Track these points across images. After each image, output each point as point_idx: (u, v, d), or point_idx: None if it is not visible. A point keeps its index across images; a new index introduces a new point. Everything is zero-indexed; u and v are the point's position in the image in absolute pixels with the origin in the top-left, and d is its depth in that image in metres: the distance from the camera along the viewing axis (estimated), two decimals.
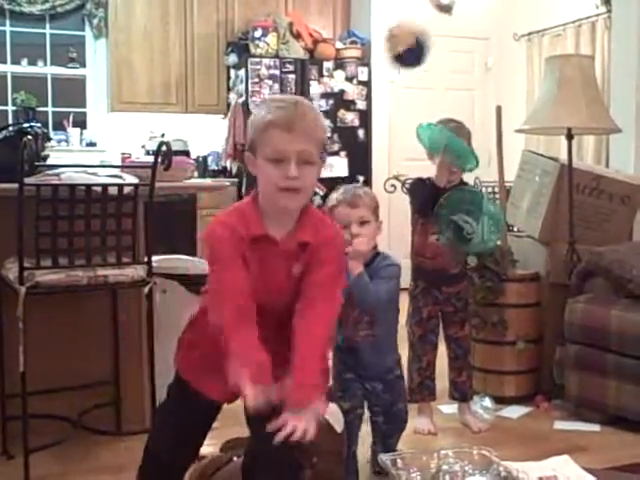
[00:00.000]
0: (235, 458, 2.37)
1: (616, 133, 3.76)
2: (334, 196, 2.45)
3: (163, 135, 5.92)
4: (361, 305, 2.44)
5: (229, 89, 6.33)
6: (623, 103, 4.06)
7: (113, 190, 2.66)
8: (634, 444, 2.92)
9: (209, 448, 2.83)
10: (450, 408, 3.31)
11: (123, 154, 5.90)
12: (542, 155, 4.15)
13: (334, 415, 2.26)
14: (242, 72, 5.98)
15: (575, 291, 3.31)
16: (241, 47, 6.12)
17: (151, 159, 2.77)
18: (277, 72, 5.96)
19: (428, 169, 3.12)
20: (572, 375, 3.21)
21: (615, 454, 2.78)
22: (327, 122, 6.09)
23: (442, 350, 3.17)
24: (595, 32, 5.99)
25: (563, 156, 3.77)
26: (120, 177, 2.82)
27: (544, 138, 6.23)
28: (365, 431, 2.56)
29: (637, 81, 3.99)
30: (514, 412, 3.33)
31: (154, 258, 2.85)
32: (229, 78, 6.33)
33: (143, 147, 6.11)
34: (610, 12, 5.15)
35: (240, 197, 6.01)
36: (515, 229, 4.37)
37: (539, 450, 2.66)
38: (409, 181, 3.48)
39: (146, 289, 2.73)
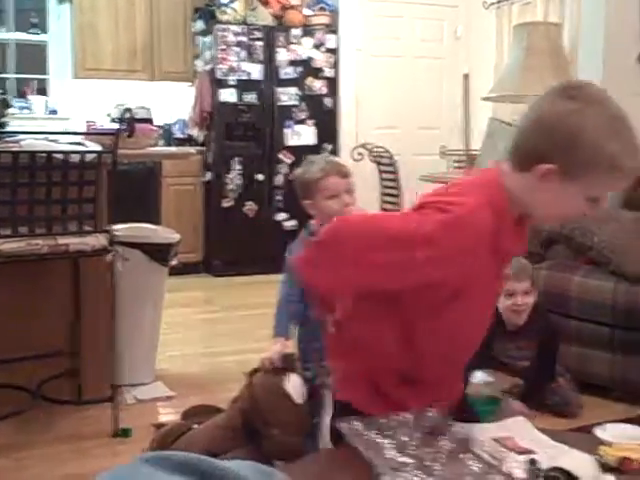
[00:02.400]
0: (195, 426, 2.37)
1: None
2: (315, 168, 2.42)
3: (128, 103, 5.83)
4: None
5: (196, 56, 6.23)
6: (590, 72, 4.06)
7: (75, 158, 2.62)
8: (595, 406, 2.98)
9: (169, 416, 2.85)
10: None
11: (88, 122, 5.80)
12: (508, 124, 4.16)
13: (295, 386, 2.26)
14: (209, 39, 5.89)
15: (538, 258, 3.34)
16: (208, 13, 6.02)
17: (115, 127, 2.73)
18: (245, 39, 5.88)
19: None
20: None
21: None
22: (294, 90, 6.05)
23: None
24: (564, 1, 5.99)
25: None
26: (82, 144, 2.78)
27: (512, 107, 6.24)
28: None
29: (604, 50, 4.00)
30: (478, 377, 3.36)
31: (117, 227, 2.82)
32: (196, 45, 6.24)
33: (109, 115, 6.00)
34: None
35: (206, 166, 5.97)
36: None
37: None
38: None
39: (108, 258, 2.70)
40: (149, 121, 5.46)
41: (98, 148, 2.74)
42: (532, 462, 1.44)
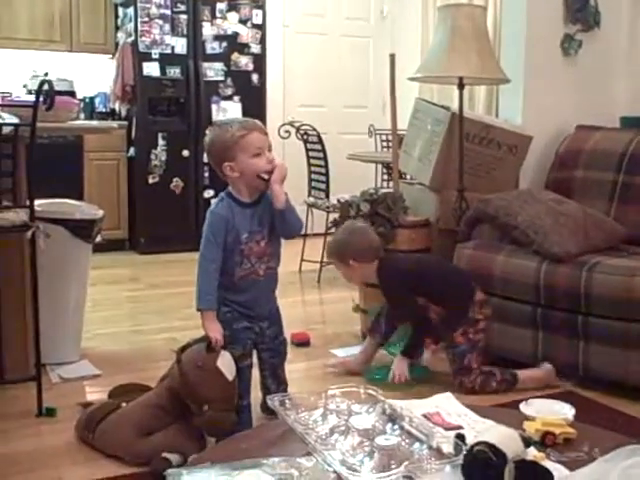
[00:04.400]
0: (124, 404, 2.33)
1: (505, 84, 3.84)
2: (235, 127, 2.35)
3: (46, 74, 5.63)
4: (292, 231, 2.46)
5: (117, 28, 6.06)
6: (513, 55, 4.12)
7: None
8: None
9: (95, 395, 2.79)
10: (343, 352, 3.38)
11: (2, 93, 5.56)
12: (434, 104, 4.20)
13: (226, 363, 2.25)
14: (131, 10, 5.73)
15: (463, 237, 3.40)
16: None
17: (33, 99, 2.63)
18: (168, 12, 5.75)
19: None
20: None
21: (499, 394, 2.89)
22: (220, 65, 5.96)
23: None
24: None
25: (455, 105, 3.82)
26: None
27: (437, 87, 6.32)
28: (254, 378, 2.56)
29: (526, 33, 4.06)
30: None
31: (38, 202, 2.72)
32: (117, 16, 6.06)
33: (25, 86, 5.79)
34: None
35: (130, 141, 5.83)
36: (408, 177, 4.44)
37: (427, 390, 2.75)
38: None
39: (28, 234, 2.62)
40: (70, 94, 5.28)
41: (15, 120, 2.64)
42: (459, 437, 1.47)
